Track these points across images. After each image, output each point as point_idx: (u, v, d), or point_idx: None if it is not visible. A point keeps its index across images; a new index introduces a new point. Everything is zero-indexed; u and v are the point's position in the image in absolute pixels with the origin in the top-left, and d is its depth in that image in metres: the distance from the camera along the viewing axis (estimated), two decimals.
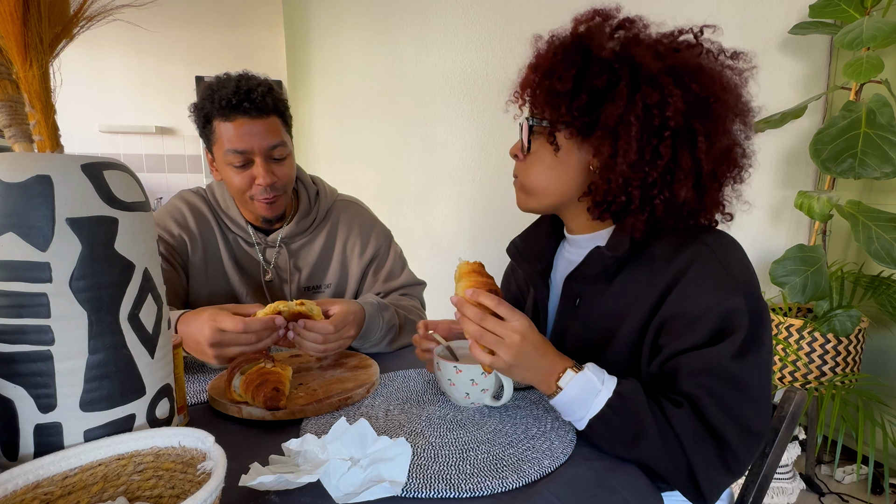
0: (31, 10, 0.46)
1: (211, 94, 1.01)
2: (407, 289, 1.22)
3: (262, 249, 1.15)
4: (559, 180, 0.76)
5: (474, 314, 0.65)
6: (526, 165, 0.78)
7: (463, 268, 0.72)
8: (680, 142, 0.68)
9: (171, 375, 0.55)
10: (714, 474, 0.61)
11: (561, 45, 0.72)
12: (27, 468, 0.43)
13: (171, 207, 1.15)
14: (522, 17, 2.29)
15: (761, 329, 0.65)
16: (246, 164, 1.03)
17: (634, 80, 0.68)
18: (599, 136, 0.70)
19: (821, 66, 1.86)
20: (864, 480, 1.80)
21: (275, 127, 1.04)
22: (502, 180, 2.43)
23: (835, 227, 1.90)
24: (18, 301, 0.44)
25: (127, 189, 0.50)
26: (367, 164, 2.99)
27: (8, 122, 0.49)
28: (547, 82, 0.71)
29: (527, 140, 0.76)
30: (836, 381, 1.70)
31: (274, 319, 0.81)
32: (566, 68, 0.70)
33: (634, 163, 0.68)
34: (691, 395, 0.63)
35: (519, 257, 0.88)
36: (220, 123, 1.01)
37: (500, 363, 0.64)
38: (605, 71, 0.68)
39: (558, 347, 0.79)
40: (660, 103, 0.67)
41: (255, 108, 1.00)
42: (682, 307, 0.66)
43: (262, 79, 1.05)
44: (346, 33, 3.00)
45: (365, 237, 1.21)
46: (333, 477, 0.53)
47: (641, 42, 0.71)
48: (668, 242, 0.71)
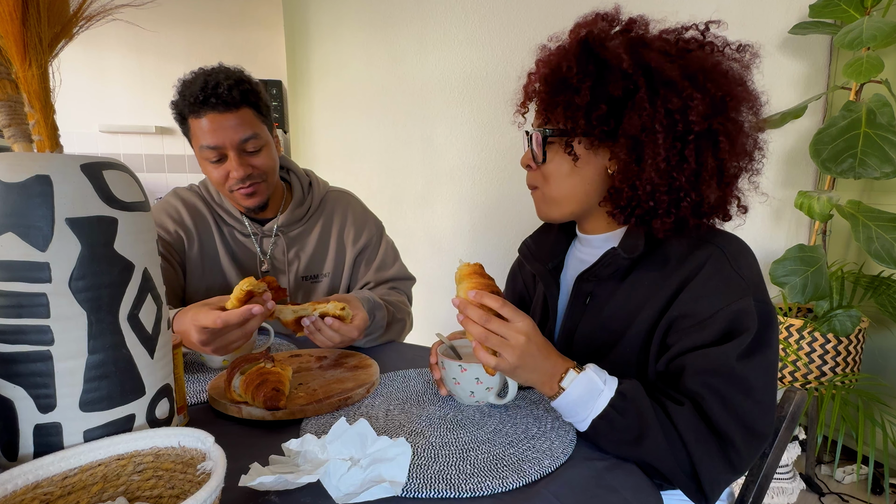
0: (31, 9, 0.46)
1: (182, 92, 1.02)
2: (397, 282, 1.23)
3: (258, 240, 1.16)
4: (579, 188, 0.76)
5: (478, 316, 0.64)
6: (543, 176, 0.78)
7: (463, 269, 0.72)
8: (703, 143, 0.68)
9: (170, 375, 0.55)
10: (716, 472, 0.61)
11: (572, 54, 0.71)
12: (27, 468, 0.43)
13: (165, 204, 1.15)
14: (522, 17, 2.29)
15: (769, 331, 0.66)
16: (221, 159, 1.04)
17: (652, 86, 0.67)
18: (622, 143, 0.69)
19: (821, 66, 1.86)
20: (864, 480, 1.79)
21: (246, 119, 1.03)
22: (502, 180, 2.43)
23: (835, 227, 1.90)
24: (18, 301, 0.44)
25: (126, 189, 0.50)
26: (366, 164, 2.99)
27: (7, 121, 0.49)
28: (563, 95, 0.71)
29: (541, 150, 0.76)
30: (836, 381, 1.70)
31: (251, 309, 0.79)
32: (581, 79, 0.69)
33: (662, 169, 0.68)
34: (696, 393, 0.63)
35: (530, 256, 0.89)
36: (193, 120, 1.02)
37: (505, 365, 0.64)
38: (621, 78, 0.68)
39: (567, 345, 0.79)
40: (682, 108, 0.67)
41: (222, 102, 1.00)
42: (692, 307, 0.66)
43: (232, 71, 1.05)
44: (346, 33, 3.00)
45: (359, 225, 1.22)
46: (333, 477, 0.53)
47: (651, 44, 0.70)
48: (682, 244, 0.71)
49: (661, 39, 0.71)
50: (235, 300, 0.80)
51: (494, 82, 2.38)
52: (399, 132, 2.78)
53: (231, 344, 0.81)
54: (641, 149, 0.68)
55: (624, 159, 0.69)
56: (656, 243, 0.73)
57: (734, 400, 0.62)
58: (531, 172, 0.80)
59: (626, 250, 0.72)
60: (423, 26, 2.59)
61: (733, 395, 0.62)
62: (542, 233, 0.91)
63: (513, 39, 2.32)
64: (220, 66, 1.06)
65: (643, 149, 0.68)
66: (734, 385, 0.62)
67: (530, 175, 0.81)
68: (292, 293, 1.20)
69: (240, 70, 1.06)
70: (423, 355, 1.02)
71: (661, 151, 0.67)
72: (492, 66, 2.39)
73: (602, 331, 0.76)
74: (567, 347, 0.80)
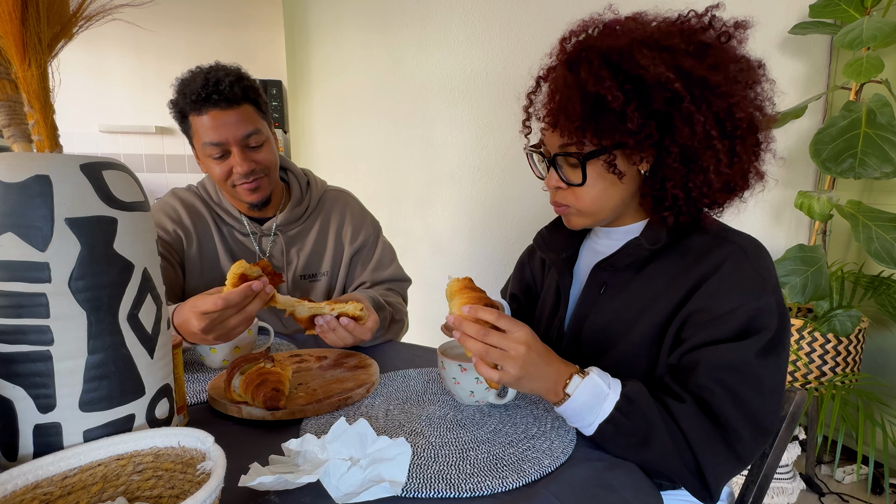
0: (30, 9, 0.46)
1: (183, 90, 1.03)
2: (393, 283, 1.23)
3: (257, 239, 1.17)
4: (616, 198, 0.75)
5: (475, 331, 0.63)
6: (576, 196, 0.75)
7: (454, 285, 0.71)
8: (749, 137, 0.69)
9: (170, 375, 0.55)
10: (721, 470, 0.62)
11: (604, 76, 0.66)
12: (27, 468, 0.43)
13: (164, 205, 1.16)
14: (522, 17, 2.29)
15: (785, 334, 0.66)
16: (224, 155, 1.05)
17: (692, 92, 0.65)
18: (673, 152, 0.68)
19: (821, 66, 1.85)
20: (864, 480, 1.79)
21: (247, 115, 1.05)
22: (502, 180, 2.43)
23: (835, 227, 1.90)
24: (18, 301, 0.44)
25: (126, 189, 0.50)
26: (366, 165, 2.99)
27: (7, 121, 0.49)
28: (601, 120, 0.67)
29: (580, 172, 0.72)
30: (836, 381, 1.70)
31: (251, 286, 0.77)
32: (624, 103, 0.65)
33: (720, 171, 0.68)
34: (706, 388, 0.63)
35: (545, 247, 0.88)
36: (194, 118, 1.03)
37: (508, 378, 0.63)
38: (661, 91, 0.65)
39: (576, 335, 0.79)
40: (727, 108, 0.66)
41: (224, 99, 1.01)
42: (710, 302, 0.66)
43: (231, 68, 1.06)
44: (346, 33, 3.00)
45: (357, 224, 1.23)
46: (333, 477, 0.53)
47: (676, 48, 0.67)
48: (703, 239, 0.72)
49: (678, 36, 0.68)
50: (230, 285, 0.78)
51: (494, 82, 2.38)
52: (399, 132, 2.78)
53: (232, 330, 0.79)
54: (696, 155, 0.67)
55: (675, 167, 0.68)
56: (677, 237, 0.73)
57: (745, 397, 0.62)
58: (561, 192, 0.77)
59: (649, 241, 0.72)
60: (423, 26, 2.59)
61: (745, 392, 0.62)
62: (557, 224, 0.90)
63: (513, 39, 2.32)
64: (217, 63, 1.07)
65: (698, 154, 0.67)
66: (747, 382, 0.62)
67: (560, 195, 0.77)
68: (290, 293, 1.20)
69: (237, 67, 1.08)
70: (423, 355, 1.02)
71: (720, 157, 0.67)
72: (492, 66, 2.39)
73: (615, 321, 0.75)
74: (577, 336, 0.80)
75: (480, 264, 2.56)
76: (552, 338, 0.86)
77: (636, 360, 0.71)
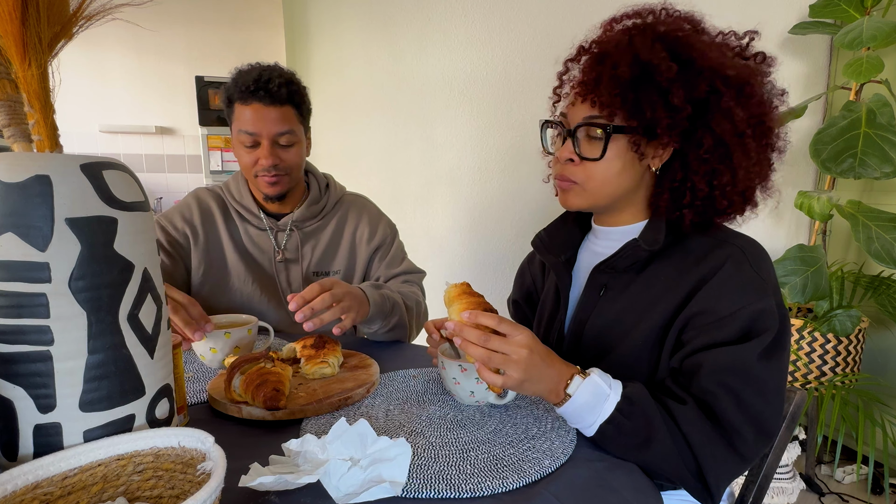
0: (30, 9, 0.46)
1: (236, 79, 1.12)
2: (408, 276, 1.28)
3: (273, 234, 1.22)
4: (625, 184, 0.75)
5: (476, 337, 0.63)
6: (587, 172, 0.74)
7: (451, 291, 0.71)
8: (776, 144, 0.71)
9: (170, 375, 0.55)
10: (722, 470, 0.62)
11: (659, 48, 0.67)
12: (27, 468, 0.43)
13: (182, 203, 1.24)
14: (522, 17, 2.29)
15: (786, 335, 0.66)
16: (255, 145, 1.13)
17: (732, 90, 0.67)
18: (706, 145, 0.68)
19: (821, 66, 1.85)
20: (864, 480, 1.79)
21: (287, 116, 1.12)
22: (502, 180, 2.43)
23: (835, 227, 1.90)
24: (18, 301, 0.44)
25: (126, 189, 0.49)
26: (367, 164, 2.99)
27: (7, 121, 0.48)
28: (643, 91, 0.67)
29: (602, 146, 0.71)
30: (836, 381, 1.70)
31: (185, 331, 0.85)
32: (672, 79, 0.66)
33: (750, 171, 0.69)
34: (709, 391, 0.63)
35: (544, 249, 0.88)
36: (239, 105, 1.11)
37: (511, 382, 0.63)
38: (706, 80, 0.66)
39: (576, 337, 0.79)
40: (759, 116, 0.68)
41: (269, 96, 1.09)
42: (711, 304, 0.66)
43: (285, 71, 1.15)
44: (346, 33, 3.00)
45: (374, 226, 1.28)
46: (333, 477, 0.53)
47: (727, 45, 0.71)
48: (703, 241, 0.72)
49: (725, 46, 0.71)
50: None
51: (494, 82, 2.38)
52: (399, 132, 2.78)
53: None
54: (728, 150, 0.68)
55: (706, 157, 0.69)
56: (676, 238, 0.73)
57: (748, 399, 0.62)
58: (570, 167, 0.75)
59: (647, 243, 0.72)
60: (423, 26, 2.59)
61: (748, 395, 0.62)
62: (556, 225, 0.90)
63: (513, 39, 2.32)
64: (275, 64, 1.16)
65: (730, 150, 0.68)
66: (750, 384, 0.62)
67: (569, 169, 0.75)
68: (302, 288, 1.21)
69: (292, 72, 1.16)
70: (424, 355, 1.02)
71: (751, 155, 0.68)
72: (492, 66, 2.39)
73: (615, 323, 0.75)
74: (577, 339, 0.79)
75: (479, 263, 2.56)
76: (552, 340, 0.86)
77: (637, 363, 0.71)
